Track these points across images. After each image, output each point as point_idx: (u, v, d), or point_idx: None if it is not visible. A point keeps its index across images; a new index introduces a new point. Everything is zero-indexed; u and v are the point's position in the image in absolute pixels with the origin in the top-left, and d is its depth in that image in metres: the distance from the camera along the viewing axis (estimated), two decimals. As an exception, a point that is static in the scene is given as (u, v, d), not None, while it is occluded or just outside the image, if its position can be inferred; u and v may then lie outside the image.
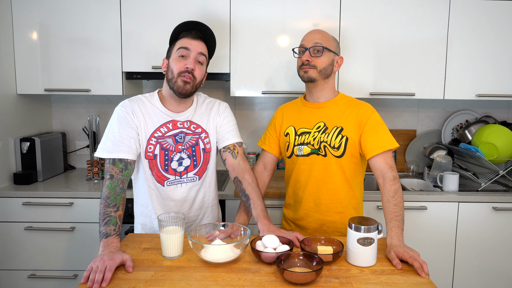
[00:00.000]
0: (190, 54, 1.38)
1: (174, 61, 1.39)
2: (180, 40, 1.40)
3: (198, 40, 1.41)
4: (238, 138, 1.53)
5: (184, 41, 1.39)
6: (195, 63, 1.39)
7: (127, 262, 1.14)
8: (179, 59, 1.39)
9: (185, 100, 1.46)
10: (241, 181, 1.46)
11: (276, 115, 1.65)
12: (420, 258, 1.16)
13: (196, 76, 1.40)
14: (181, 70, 1.37)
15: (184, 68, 1.37)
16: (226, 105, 1.57)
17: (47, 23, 2.14)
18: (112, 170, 1.34)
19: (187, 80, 1.37)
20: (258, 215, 1.38)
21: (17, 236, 2.03)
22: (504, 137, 2.15)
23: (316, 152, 1.49)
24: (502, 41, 2.15)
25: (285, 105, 1.66)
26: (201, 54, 1.40)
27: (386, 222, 1.32)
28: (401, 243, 1.25)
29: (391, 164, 1.41)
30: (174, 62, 1.39)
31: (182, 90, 1.38)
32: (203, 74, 1.45)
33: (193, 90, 1.41)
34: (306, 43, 1.49)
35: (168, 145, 1.43)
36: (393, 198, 1.34)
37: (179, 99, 1.43)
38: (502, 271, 2.08)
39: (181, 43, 1.39)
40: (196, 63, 1.40)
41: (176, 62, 1.39)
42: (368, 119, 1.46)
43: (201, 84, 1.46)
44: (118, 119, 1.40)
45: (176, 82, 1.38)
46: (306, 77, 1.48)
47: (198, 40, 1.41)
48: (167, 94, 1.45)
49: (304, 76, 1.49)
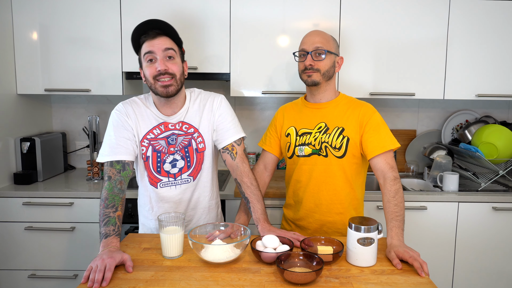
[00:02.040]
0: (156, 55, 1.33)
1: (146, 68, 1.35)
2: (143, 46, 1.35)
3: (158, 37, 1.33)
4: (236, 135, 1.47)
5: (145, 45, 1.34)
6: (165, 61, 1.34)
7: (127, 262, 1.14)
8: (149, 65, 1.34)
9: (175, 99, 1.41)
10: (241, 184, 1.45)
11: (277, 115, 1.64)
12: (420, 258, 1.16)
13: (173, 72, 1.34)
14: (154, 74, 1.33)
15: (156, 71, 1.33)
16: (221, 99, 1.49)
17: (47, 23, 2.14)
18: (110, 171, 1.34)
19: (166, 83, 1.33)
20: (258, 218, 1.38)
21: (17, 236, 2.03)
22: (504, 137, 2.15)
23: (317, 152, 1.49)
24: (502, 41, 2.15)
25: (285, 106, 1.66)
26: (167, 49, 1.34)
27: (387, 222, 1.32)
28: (401, 243, 1.25)
29: (392, 164, 1.41)
30: (146, 69, 1.35)
31: (166, 93, 1.35)
32: (181, 66, 1.39)
33: (178, 87, 1.37)
34: (307, 46, 1.48)
35: (160, 147, 1.42)
36: (393, 198, 1.34)
37: (169, 99, 1.40)
38: (502, 271, 2.08)
39: (144, 48, 1.34)
40: (166, 60, 1.34)
41: (147, 68, 1.35)
42: (369, 119, 1.46)
43: (185, 76, 1.42)
44: (113, 123, 1.40)
45: (156, 88, 1.35)
46: (310, 81, 1.48)
47: (158, 38, 1.33)
48: (156, 98, 1.42)
49: (308, 80, 1.48)
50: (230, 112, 1.49)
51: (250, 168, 1.48)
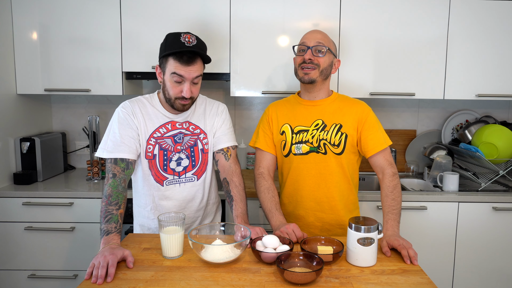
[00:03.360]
0: (185, 80, 1.34)
1: (169, 83, 1.35)
2: (173, 62, 1.32)
3: (191, 64, 1.33)
4: (232, 142, 1.54)
5: (176, 66, 1.32)
6: (191, 87, 1.36)
7: (128, 257, 1.15)
8: (174, 84, 1.35)
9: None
10: (229, 183, 1.47)
11: (269, 112, 1.60)
12: (412, 249, 1.20)
13: (193, 96, 1.39)
14: (178, 96, 1.36)
15: (180, 95, 1.36)
16: (224, 107, 1.57)
17: (47, 23, 2.14)
18: (115, 169, 1.35)
19: (185, 103, 1.38)
20: (237, 216, 1.40)
21: (17, 236, 2.03)
22: (504, 137, 2.15)
23: (315, 150, 1.49)
24: (502, 41, 2.14)
25: (276, 103, 1.63)
26: (196, 77, 1.36)
27: (383, 215, 1.37)
28: (394, 233, 1.29)
29: (391, 161, 1.47)
30: (170, 84, 1.36)
31: (182, 109, 1.41)
32: (199, 87, 1.43)
33: (191, 105, 1.44)
34: (308, 41, 1.47)
35: (167, 145, 1.44)
36: (391, 193, 1.40)
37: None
38: (502, 271, 2.08)
39: (174, 67, 1.32)
40: (192, 85, 1.37)
41: (171, 85, 1.35)
42: (367, 117, 1.49)
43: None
44: (119, 120, 1.41)
45: (174, 103, 1.39)
46: (307, 79, 1.46)
47: (192, 65, 1.33)
48: (165, 101, 1.44)
49: (305, 78, 1.47)
50: (230, 121, 1.58)
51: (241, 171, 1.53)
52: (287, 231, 1.32)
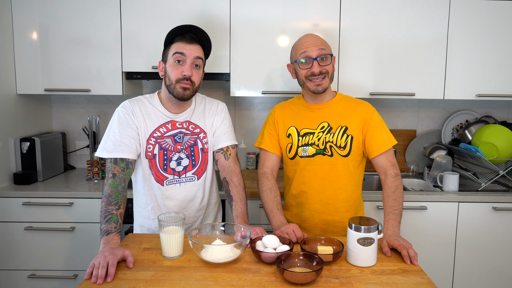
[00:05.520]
0: (186, 59, 1.37)
1: (171, 67, 1.38)
2: (175, 44, 1.38)
3: (194, 43, 1.38)
4: (232, 141, 1.54)
5: (179, 45, 1.37)
6: (192, 68, 1.38)
7: (128, 257, 1.15)
8: (176, 65, 1.37)
9: (184, 103, 1.46)
10: (229, 183, 1.48)
11: (275, 114, 1.60)
12: (412, 249, 1.20)
13: (194, 81, 1.39)
14: (179, 77, 1.37)
15: (181, 75, 1.37)
16: (224, 105, 1.57)
17: (47, 23, 2.13)
18: (114, 169, 1.35)
19: (186, 86, 1.38)
20: (237, 216, 1.40)
21: (17, 236, 2.03)
22: (504, 137, 2.15)
23: (321, 152, 1.49)
24: (502, 41, 2.15)
25: (282, 105, 1.62)
26: (198, 58, 1.39)
27: (384, 215, 1.37)
28: (395, 233, 1.29)
29: (393, 162, 1.48)
30: (171, 68, 1.38)
31: (182, 96, 1.39)
32: (201, 77, 1.45)
33: (192, 94, 1.42)
34: (310, 51, 1.43)
35: (167, 145, 1.44)
36: (393, 193, 1.40)
37: (179, 101, 1.44)
38: (502, 271, 2.08)
39: (176, 47, 1.37)
40: (193, 68, 1.39)
41: (173, 68, 1.38)
42: (372, 118, 1.49)
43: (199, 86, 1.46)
44: (119, 120, 1.41)
45: (175, 88, 1.38)
46: (321, 89, 1.45)
47: (193, 44, 1.38)
48: (166, 97, 1.45)
49: (318, 89, 1.44)
50: (230, 120, 1.58)
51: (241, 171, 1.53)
52: (287, 231, 1.32)
